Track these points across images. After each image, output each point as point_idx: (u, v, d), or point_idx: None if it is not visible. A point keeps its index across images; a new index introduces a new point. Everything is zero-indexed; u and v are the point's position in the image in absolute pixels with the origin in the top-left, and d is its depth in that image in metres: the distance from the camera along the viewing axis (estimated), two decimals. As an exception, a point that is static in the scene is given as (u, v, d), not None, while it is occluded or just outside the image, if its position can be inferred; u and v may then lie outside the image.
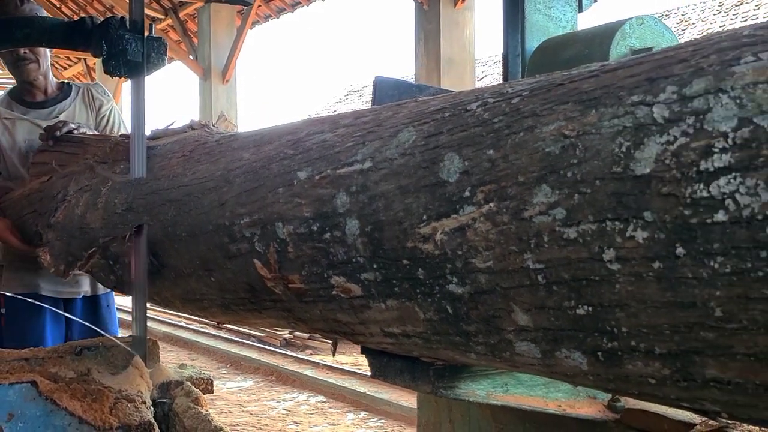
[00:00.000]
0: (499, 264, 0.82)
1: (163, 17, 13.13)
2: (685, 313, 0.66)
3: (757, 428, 1.09)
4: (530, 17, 1.53)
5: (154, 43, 1.80)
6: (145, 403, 1.48)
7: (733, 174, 0.61)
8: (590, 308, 0.74)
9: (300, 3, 12.16)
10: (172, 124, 1.90)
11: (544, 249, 0.76)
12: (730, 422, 1.10)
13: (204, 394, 1.63)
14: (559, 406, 1.23)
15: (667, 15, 16.02)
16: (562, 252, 0.75)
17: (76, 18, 2.06)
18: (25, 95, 2.46)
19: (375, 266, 1.00)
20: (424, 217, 0.90)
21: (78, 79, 19.42)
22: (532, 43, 1.53)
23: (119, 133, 2.37)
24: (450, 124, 0.91)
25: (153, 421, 1.45)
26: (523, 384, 1.22)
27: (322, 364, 6.94)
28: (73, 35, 2.00)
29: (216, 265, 1.41)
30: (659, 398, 0.76)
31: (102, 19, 1.91)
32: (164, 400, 1.59)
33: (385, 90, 1.49)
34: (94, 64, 17.71)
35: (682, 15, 15.43)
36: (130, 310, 1.74)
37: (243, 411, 5.88)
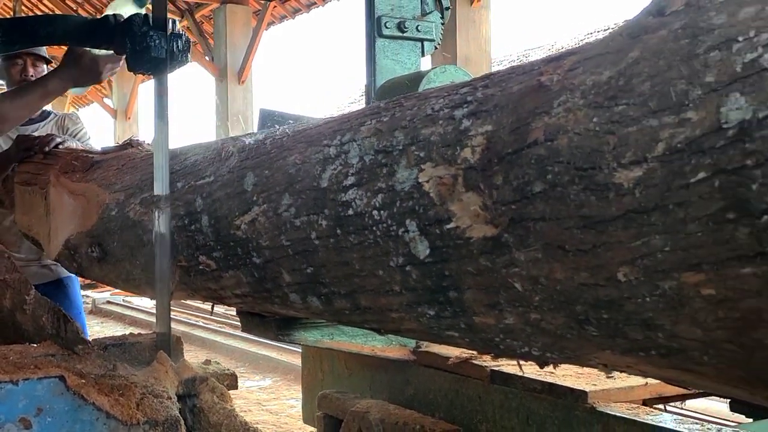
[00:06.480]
0: (272, 243, 1.30)
1: (179, 19, 13.30)
2: (347, 268, 1.14)
3: (490, 356, 1.56)
4: (380, 61, 2.01)
5: (178, 40, 1.79)
6: (171, 398, 1.50)
7: (355, 188, 1.08)
8: (312, 268, 1.22)
9: (315, 3, 12.45)
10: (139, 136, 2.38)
11: (288, 233, 1.24)
12: (472, 352, 1.57)
13: (228, 390, 1.64)
14: (373, 350, 1.71)
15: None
16: (295, 234, 1.22)
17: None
18: None
19: (219, 247, 1.48)
20: (237, 213, 1.38)
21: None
22: (382, 81, 2.00)
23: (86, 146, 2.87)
24: (254, 152, 1.40)
25: (179, 416, 1.47)
26: (346, 334, 1.70)
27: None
28: (96, 33, 1.99)
29: (138, 252, 1.89)
30: (356, 323, 1.24)
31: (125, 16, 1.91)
32: (189, 396, 1.59)
33: (268, 119, 1.96)
34: (110, 65, 18.18)
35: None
36: (150, 308, 2.01)
37: (262, 410, 5.91)
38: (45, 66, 2.95)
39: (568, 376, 1.41)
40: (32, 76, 2.86)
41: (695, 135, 0.62)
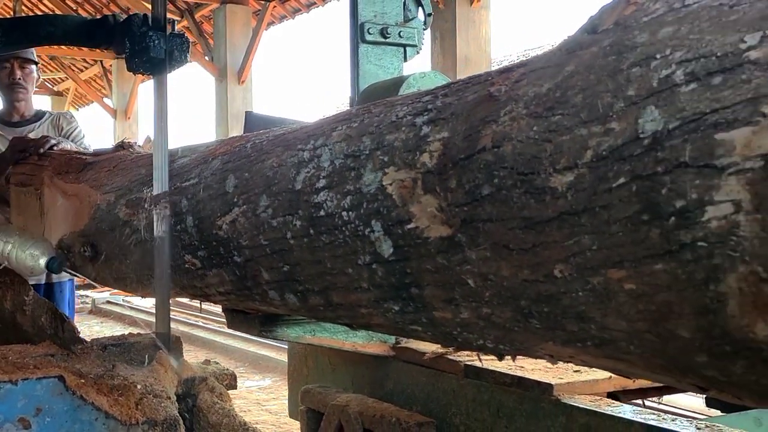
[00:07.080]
0: (252, 242, 1.36)
1: (179, 19, 13.34)
2: (320, 266, 1.20)
3: (466, 353, 1.62)
4: (363, 66, 2.07)
5: (177, 40, 1.80)
6: (170, 398, 1.51)
7: (326, 190, 1.14)
8: (288, 266, 1.28)
9: (315, 3, 12.49)
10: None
11: (266, 232, 1.30)
12: (448, 348, 1.62)
13: (228, 389, 1.66)
14: (354, 346, 1.77)
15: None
16: (272, 234, 1.28)
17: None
18: (5, 116, 3.05)
19: (203, 246, 1.54)
20: (219, 213, 1.44)
21: (94, 81, 20.04)
22: (365, 86, 2.06)
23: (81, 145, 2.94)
24: (236, 155, 1.46)
25: (178, 416, 1.48)
26: (327, 330, 1.75)
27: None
28: (96, 33, 2.00)
29: (128, 251, 1.96)
30: (330, 319, 1.30)
31: (124, 16, 1.93)
32: (189, 396, 1.61)
33: (254, 122, 2.02)
34: (110, 65, 18.19)
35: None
36: (150, 308, 2.00)
37: (262, 410, 5.89)
38: (34, 67, 3.02)
39: (537, 370, 1.47)
40: (20, 78, 2.94)
41: (617, 144, 0.68)
